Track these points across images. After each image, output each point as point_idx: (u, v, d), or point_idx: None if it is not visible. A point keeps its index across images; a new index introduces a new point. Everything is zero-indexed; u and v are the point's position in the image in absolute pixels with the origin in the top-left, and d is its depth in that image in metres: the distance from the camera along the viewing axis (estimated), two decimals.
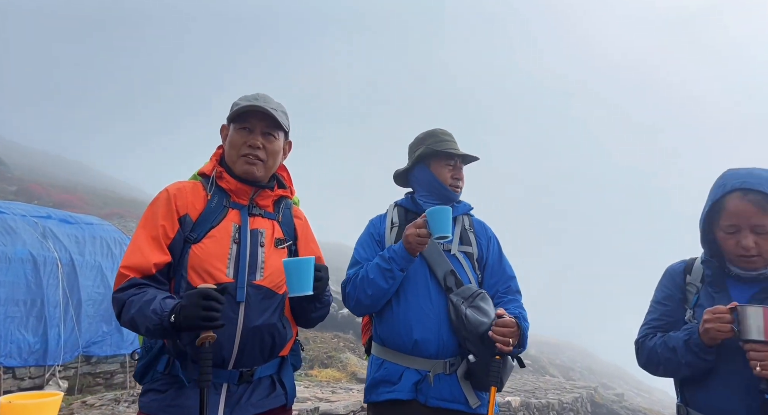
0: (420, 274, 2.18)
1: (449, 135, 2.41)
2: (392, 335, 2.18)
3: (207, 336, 1.45)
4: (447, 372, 2.08)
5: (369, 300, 2.17)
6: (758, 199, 1.68)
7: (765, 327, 1.56)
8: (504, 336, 1.92)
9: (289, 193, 1.91)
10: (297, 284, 1.60)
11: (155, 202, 1.71)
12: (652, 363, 1.89)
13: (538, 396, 11.40)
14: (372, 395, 2.17)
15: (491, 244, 2.33)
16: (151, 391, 1.62)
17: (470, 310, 2.05)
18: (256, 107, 1.73)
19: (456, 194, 2.36)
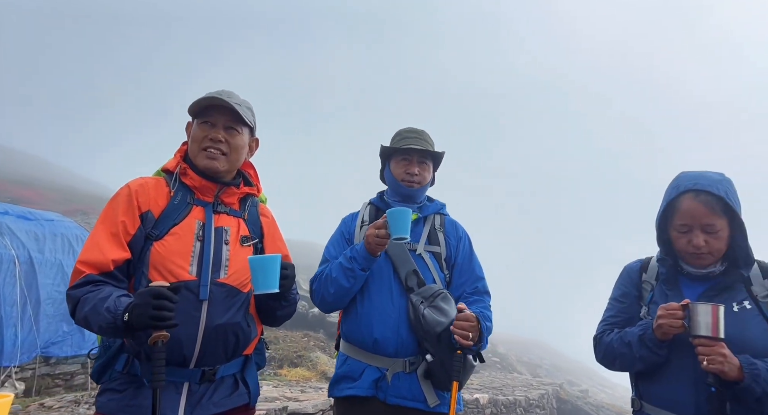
0: (384, 273, 2.20)
1: (414, 133, 2.41)
2: (355, 332, 2.22)
3: (159, 335, 1.41)
4: (407, 371, 2.10)
5: (332, 298, 2.21)
6: (708, 200, 1.76)
7: (713, 324, 1.63)
8: (464, 330, 1.95)
9: (255, 190, 1.89)
10: (262, 282, 1.59)
11: (116, 197, 1.67)
12: (609, 358, 1.96)
13: (506, 393, 11.58)
14: (334, 391, 2.21)
15: (461, 244, 2.32)
16: (109, 390, 1.58)
17: (429, 310, 2.07)
18: (217, 100, 1.71)
19: (409, 189, 2.34)
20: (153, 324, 1.39)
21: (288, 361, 10.44)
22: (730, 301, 1.78)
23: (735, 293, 1.80)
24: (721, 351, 1.62)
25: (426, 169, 2.37)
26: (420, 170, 2.35)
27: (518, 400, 11.32)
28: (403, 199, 2.36)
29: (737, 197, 1.81)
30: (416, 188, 2.34)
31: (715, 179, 1.79)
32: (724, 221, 1.78)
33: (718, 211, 1.76)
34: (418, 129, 2.45)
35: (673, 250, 1.90)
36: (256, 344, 1.84)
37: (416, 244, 2.25)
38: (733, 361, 1.63)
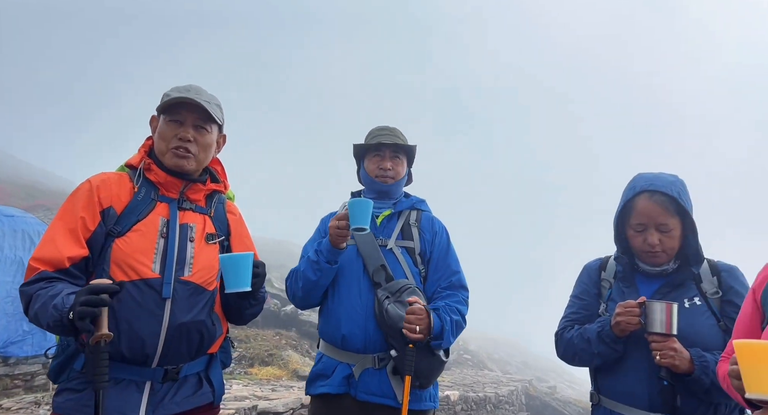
0: (354, 270, 2.20)
1: (387, 130, 2.42)
2: (326, 329, 2.23)
3: (101, 335, 1.36)
4: (376, 367, 2.10)
5: (301, 292, 2.22)
6: (663, 200, 1.84)
7: (667, 321, 1.71)
8: (410, 323, 1.96)
9: (222, 187, 1.87)
10: (234, 280, 1.57)
11: (75, 193, 1.63)
12: (569, 353, 2.02)
13: (476, 390, 11.72)
14: (310, 388, 2.22)
15: (437, 238, 2.30)
16: (67, 390, 1.54)
17: (393, 305, 2.06)
18: (187, 99, 1.68)
19: (383, 185, 2.34)
20: (78, 323, 1.33)
21: (259, 360, 10.34)
22: (681, 297, 1.86)
23: (686, 289, 1.88)
24: (672, 346, 1.70)
25: (399, 164, 2.37)
26: (393, 165, 2.34)
27: (488, 396, 11.48)
28: (379, 196, 2.35)
29: (689, 198, 1.89)
30: (390, 183, 2.33)
31: (669, 181, 1.87)
32: (677, 221, 1.85)
33: (672, 211, 1.83)
34: (389, 126, 2.45)
35: (630, 248, 1.97)
36: (222, 343, 1.82)
37: (387, 239, 2.25)
38: (683, 354, 1.70)
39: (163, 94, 1.76)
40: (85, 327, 1.34)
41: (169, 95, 1.72)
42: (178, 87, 1.75)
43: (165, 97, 1.73)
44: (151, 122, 1.79)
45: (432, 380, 2.13)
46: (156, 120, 1.76)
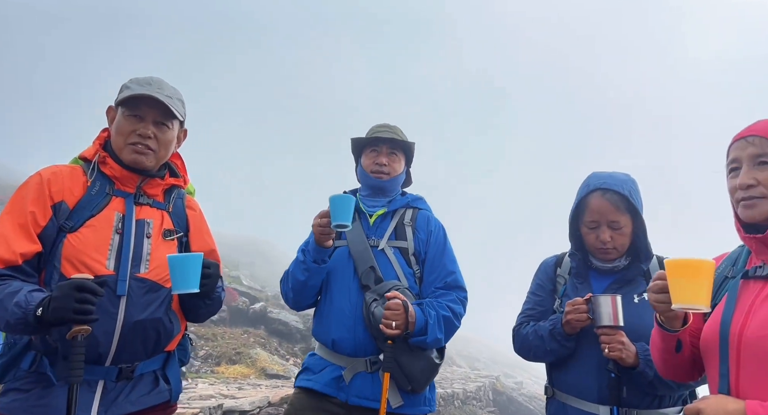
0: (346, 271, 2.16)
1: (385, 126, 2.36)
2: (317, 332, 2.20)
3: (80, 329, 1.35)
4: (369, 370, 2.05)
5: (292, 293, 2.19)
6: (615, 198, 1.90)
7: (613, 313, 1.77)
8: (386, 319, 1.93)
9: (181, 182, 1.83)
10: (181, 281, 1.55)
11: (25, 186, 1.57)
12: (524, 349, 2.07)
13: (444, 386, 11.82)
14: (296, 380, 2.20)
15: (432, 238, 2.24)
16: (13, 390, 1.49)
17: (380, 308, 2.01)
18: (148, 95, 1.62)
19: (378, 180, 2.27)
20: (75, 318, 1.33)
21: (226, 358, 10.17)
22: (631, 293, 1.93)
23: (636, 285, 1.95)
24: (620, 339, 1.76)
25: (396, 161, 2.30)
26: (389, 161, 2.28)
27: (456, 392, 11.60)
28: (373, 193, 2.30)
29: (640, 197, 1.96)
30: (386, 179, 2.26)
31: (622, 179, 1.93)
32: (627, 218, 1.92)
33: (623, 209, 1.90)
34: (389, 124, 2.40)
35: (583, 245, 2.03)
36: (180, 340, 1.79)
37: (379, 239, 2.19)
38: (630, 348, 1.77)
39: (122, 85, 1.70)
40: (84, 320, 1.33)
41: (128, 88, 1.66)
42: (139, 79, 1.69)
43: (124, 89, 1.67)
44: (108, 113, 1.72)
45: (424, 383, 2.08)
46: (113, 111, 1.70)
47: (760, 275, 1.27)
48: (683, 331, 1.39)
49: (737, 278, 1.33)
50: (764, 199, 1.24)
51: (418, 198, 2.39)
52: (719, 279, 1.41)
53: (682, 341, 1.40)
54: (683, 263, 1.22)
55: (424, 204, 2.38)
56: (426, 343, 2.03)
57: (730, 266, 1.42)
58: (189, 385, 8.01)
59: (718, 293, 1.39)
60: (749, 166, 1.27)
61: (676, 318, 1.37)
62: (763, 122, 1.30)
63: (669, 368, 1.49)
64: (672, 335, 1.39)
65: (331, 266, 2.20)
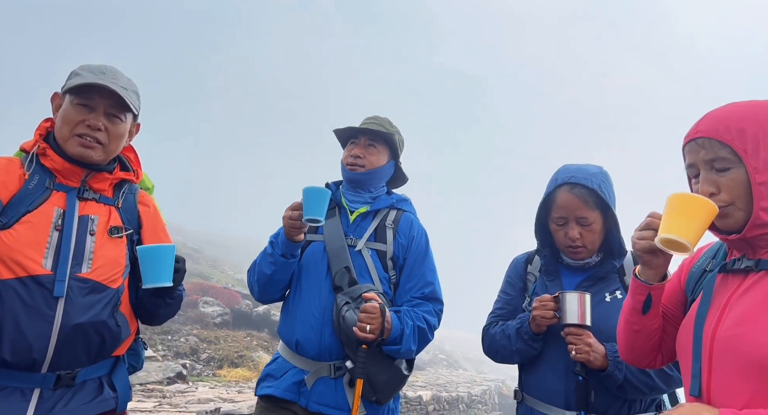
0: (319, 269, 2.06)
1: (370, 119, 2.26)
2: (282, 330, 2.11)
3: None
4: (332, 376, 1.95)
5: (256, 286, 2.10)
6: (583, 193, 1.79)
7: (580, 311, 1.67)
8: (361, 322, 1.82)
9: (133, 176, 1.73)
10: (153, 274, 1.46)
11: None
12: (492, 350, 1.97)
13: (449, 390, 11.74)
14: (257, 389, 2.09)
15: (414, 244, 2.11)
16: None
17: (352, 312, 1.91)
18: (101, 84, 1.52)
19: (351, 173, 2.16)
20: None
21: (228, 361, 10.15)
22: (603, 291, 1.83)
23: (609, 282, 1.85)
24: (587, 341, 1.66)
25: (374, 153, 2.17)
26: (366, 153, 2.15)
27: (461, 396, 11.50)
28: (351, 187, 2.20)
29: (612, 190, 1.85)
30: (359, 172, 2.14)
31: (591, 173, 1.82)
32: (597, 214, 1.81)
33: (591, 204, 1.79)
34: (379, 116, 2.29)
35: (553, 241, 1.93)
36: (131, 344, 1.70)
37: (358, 239, 2.07)
38: (598, 349, 1.67)
39: (72, 72, 1.59)
40: None
41: (79, 75, 1.55)
42: (91, 66, 1.59)
43: (74, 75, 1.57)
44: (53, 100, 1.62)
45: (390, 395, 1.98)
46: (59, 98, 1.60)
47: (738, 268, 1.18)
48: (657, 287, 1.28)
49: (714, 272, 1.23)
50: (732, 206, 1.15)
51: (404, 199, 2.26)
52: (697, 273, 1.32)
53: (652, 298, 1.28)
54: (687, 196, 1.13)
55: (409, 206, 2.26)
56: (399, 353, 1.93)
57: (710, 258, 1.32)
58: (189, 388, 7.98)
59: (696, 288, 1.30)
60: (706, 171, 1.18)
61: (655, 266, 1.25)
62: (706, 119, 1.20)
63: (629, 336, 1.37)
64: (643, 287, 1.28)
65: (303, 261, 2.09)
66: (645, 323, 1.33)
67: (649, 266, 1.27)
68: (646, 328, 1.34)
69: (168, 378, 8.15)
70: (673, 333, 1.32)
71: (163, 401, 6.73)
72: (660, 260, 1.25)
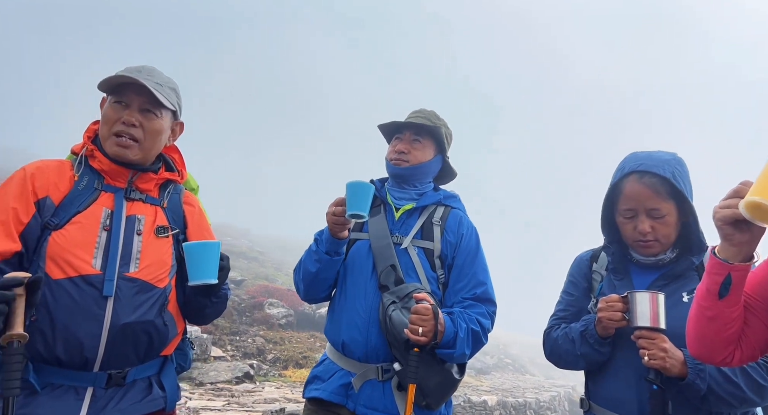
0: (364, 267, 2.01)
1: (418, 112, 2.20)
2: (329, 330, 2.07)
3: (12, 335, 1.25)
4: (380, 379, 1.89)
5: (302, 285, 2.08)
6: (653, 182, 1.62)
7: (652, 313, 1.50)
8: (413, 323, 1.74)
9: (177, 176, 1.75)
10: (199, 271, 1.46)
11: (8, 181, 1.54)
12: (555, 355, 1.83)
13: (516, 395, 11.39)
14: (305, 391, 2.07)
15: (463, 242, 2.03)
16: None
17: (399, 311, 1.85)
18: (129, 79, 1.55)
19: (396, 167, 2.11)
20: None
21: (293, 362, 10.37)
22: (680, 290, 1.64)
23: (686, 281, 1.65)
24: (662, 345, 1.49)
25: (419, 148, 2.10)
26: (410, 148, 2.09)
27: (528, 402, 11.13)
28: (396, 183, 2.15)
29: (688, 179, 1.66)
30: (404, 167, 2.08)
31: (663, 159, 1.64)
32: (671, 205, 1.63)
33: (664, 194, 1.61)
34: (426, 109, 2.23)
35: (621, 236, 1.76)
36: (178, 344, 1.71)
37: (404, 237, 2.01)
38: (676, 355, 1.49)
39: (116, 74, 1.63)
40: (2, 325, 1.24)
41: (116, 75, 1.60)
42: (131, 68, 1.63)
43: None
44: (102, 105, 1.66)
45: (441, 400, 1.90)
46: (106, 101, 1.64)
47: None
48: (738, 268, 1.10)
49: None
50: None
51: (452, 195, 2.17)
52: None
53: (732, 281, 1.11)
54: None
55: (458, 203, 2.16)
56: (453, 357, 1.84)
57: None
58: (256, 388, 8.22)
59: None
60: None
61: (738, 242, 1.09)
62: None
63: (701, 324, 1.20)
64: (722, 266, 1.11)
65: (348, 259, 2.04)
66: (721, 309, 1.16)
67: (731, 242, 1.10)
68: (722, 316, 1.17)
69: (236, 378, 8.45)
70: (757, 327, 1.16)
71: (232, 400, 6.97)
72: (745, 236, 1.09)
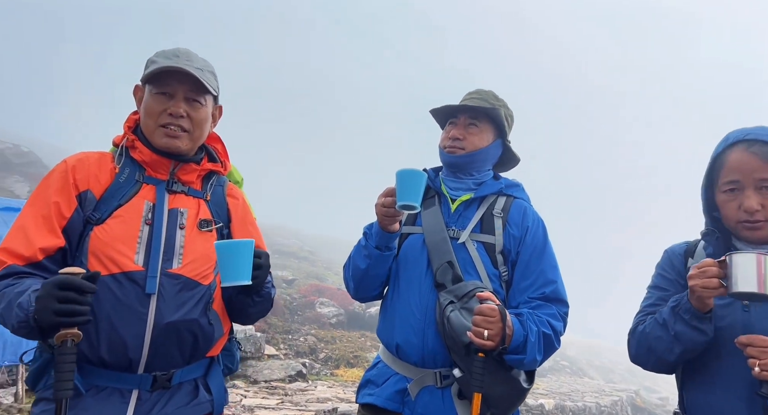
0: (418, 264, 1.84)
1: (473, 93, 2.00)
2: (382, 331, 1.92)
3: (67, 333, 1.19)
4: (439, 385, 1.73)
5: (352, 282, 1.93)
6: (765, 151, 1.37)
7: (759, 276, 1.19)
8: (478, 326, 1.55)
9: (220, 167, 1.65)
10: (231, 272, 1.35)
11: (50, 175, 1.48)
12: (642, 349, 1.55)
13: (574, 399, 10.95)
14: (358, 396, 1.93)
15: (529, 235, 1.84)
16: (44, 400, 1.39)
17: (458, 312, 1.67)
18: (176, 68, 1.46)
19: (449, 156, 1.92)
20: (57, 321, 1.18)
21: (345, 361, 10.40)
22: None
23: None
24: None
25: (476, 133, 1.91)
26: (466, 134, 1.90)
27: (588, 406, 10.66)
28: (451, 172, 1.96)
29: None
30: (459, 154, 1.90)
31: None
32: None
33: None
34: (483, 89, 2.03)
35: (723, 226, 1.50)
36: (225, 345, 1.62)
37: (461, 230, 1.83)
38: None
39: (148, 60, 1.55)
40: (69, 322, 1.18)
41: (154, 62, 1.51)
42: (165, 51, 1.54)
43: (150, 63, 1.52)
44: (135, 93, 1.59)
45: (507, 411, 1.71)
46: (140, 90, 1.56)
47: None
48: None
49: None
50: None
51: (515, 184, 1.97)
52: None
53: None
54: None
55: (521, 192, 1.96)
56: (523, 363, 1.65)
57: None
58: (309, 387, 8.27)
59: None
60: None
61: None
62: None
63: None
64: None
65: (401, 255, 1.88)
66: None
67: None
68: None
69: (289, 376, 8.54)
70: None
71: (285, 399, 7.02)
72: None
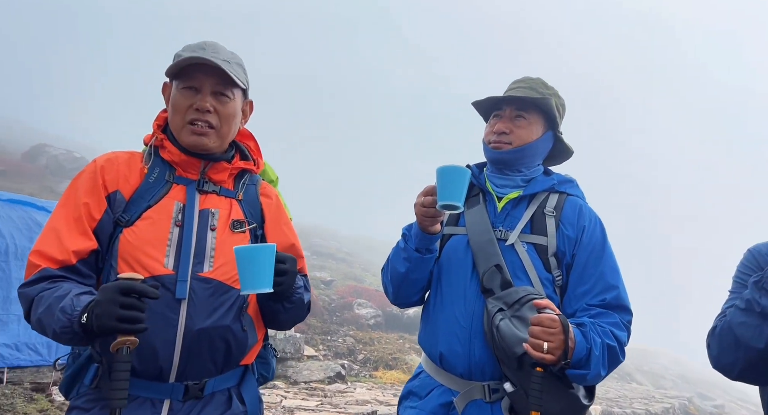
0: (463, 269, 1.71)
1: (519, 82, 1.84)
2: (424, 339, 1.79)
3: (125, 340, 1.15)
4: (488, 399, 1.59)
5: (391, 287, 1.81)
6: None
7: None
8: (536, 337, 1.42)
9: (253, 166, 1.59)
10: (250, 279, 1.28)
11: (79, 176, 1.44)
12: (726, 344, 1.41)
13: (622, 405, 10.55)
14: (399, 407, 1.81)
15: (585, 236, 1.69)
16: (76, 409, 1.35)
17: (508, 321, 1.53)
18: (201, 59, 1.40)
19: (495, 152, 1.78)
20: (119, 328, 1.15)
21: (383, 363, 10.35)
22: None
23: None
24: None
25: (524, 126, 1.76)
26: (512, 127, 1.76)
27: (637, 413, 10.26)
28: (497, 169, 1.82)
29: None
30: (505, 150, 1.76)
31: None
32: None
33: None
34: (530, 77, 1.86)
35: None
36: (260, 352, 1.55)
37: (509, 231, 1.69)
38: None
39: (175, 54, 1.50)
40: (130, 329, 1.16)
41: (179, 56, 1.45)
42: (191, 45, 1.48)
43: (176, 58, 1.47)
44: (164, 91, 1.54)
45: None
46: (169, 88, 1.51)
47: None
48: None
49: None
50: None
51: (568, 180, 1.82)
52: None
53: None
54: None
55: (575, 189, 1.81)
56: (586, 379, 1.49)
57: None
58: (348, 388, 8.25)
59: None
60: None
61: None
62: None
63: None
64: None
65: (443, 258, 1.75)
66: None
67: None
68: None
69: (328, 377, 8.55)
70: None
71: (324, 401, 7.01)
72: None
